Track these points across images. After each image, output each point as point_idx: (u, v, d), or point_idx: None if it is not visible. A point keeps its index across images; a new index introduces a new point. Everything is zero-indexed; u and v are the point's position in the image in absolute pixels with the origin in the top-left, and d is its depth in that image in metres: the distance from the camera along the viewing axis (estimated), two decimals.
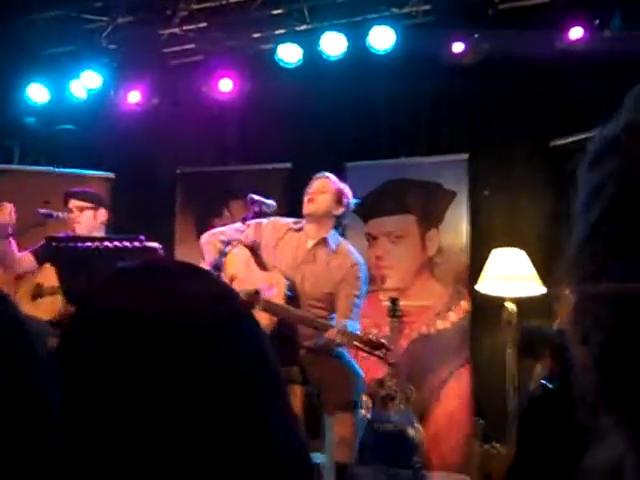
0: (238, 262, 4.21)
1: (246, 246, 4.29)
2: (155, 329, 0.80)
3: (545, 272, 5.16)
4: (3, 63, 6.31)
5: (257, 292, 4.13)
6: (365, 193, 5.93)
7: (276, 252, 4.35)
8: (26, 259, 4.77)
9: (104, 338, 0.80)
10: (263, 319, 4.09)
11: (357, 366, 4.26)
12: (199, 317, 0.82)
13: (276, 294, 4.16)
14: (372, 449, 4.98)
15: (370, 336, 3.93)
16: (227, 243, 4.21)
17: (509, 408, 4.74)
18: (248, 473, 0.79)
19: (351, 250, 4.37)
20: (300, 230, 4.38)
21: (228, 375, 0.81)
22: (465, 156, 5.78)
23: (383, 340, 3.94)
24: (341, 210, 4.36)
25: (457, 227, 5.65)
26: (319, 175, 4.47)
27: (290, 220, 4.43)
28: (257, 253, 4.35)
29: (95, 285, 0.88)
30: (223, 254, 4.15)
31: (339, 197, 4.36)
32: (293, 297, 4.19)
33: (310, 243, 4.34)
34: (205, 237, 4.45)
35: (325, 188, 4.36)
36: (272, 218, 4.32)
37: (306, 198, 4.32)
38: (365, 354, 4.06)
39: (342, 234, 4.50)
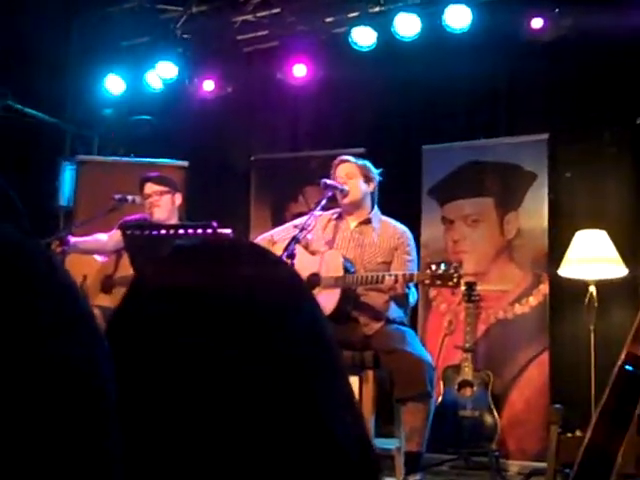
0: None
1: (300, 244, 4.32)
2: (211, 308, 0.77)
3: (629, 254, 4.96)
4: (81, 56, 6.45)
5: (315, 274, 4.16)
6: (441, 176, 5.83)
7: (324, 240, 4.42)
8: (115, 236, 4.82)
9: (157, 318, 0.77)
10: (330, 302, 4.08)
11: (428, 355, 4.19)
12: (258, 296, 0.79)
13: (334, 269, 4.19)
14: (448, 435, 4.90)
15: (433, 269, 3.91)
16: (301, 229, 4.21)
17: (591, 394, 4.58)
18: (300, 458, 0.75)
19: (395, 222, 4.47)
20: (340, 217, 4.48)
21: (285, 357, 0.77)
22: (545, 136, 5.57)
23: (452, 267, 3.89)
24: (372, 186, 4.44)
25: (537, 210, 5.46)
26: (338, 161, 4.48)
27: (329, 212, 4.50)
28: (308, 248, 4.42)
29: (150, 264, 0.85)
30: (296, 240, 4.15)
31: (367, 175, 4.42)
32: (353, 272, 4.20)
33: (353, 224, 4.43)
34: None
35: (352, 172, 4.41)
36: (316, 213, 4.32)
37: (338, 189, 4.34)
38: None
39: (386, 209, 4.56)
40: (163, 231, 4.44)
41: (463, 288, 5.14)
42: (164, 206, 4.82)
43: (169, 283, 0.79)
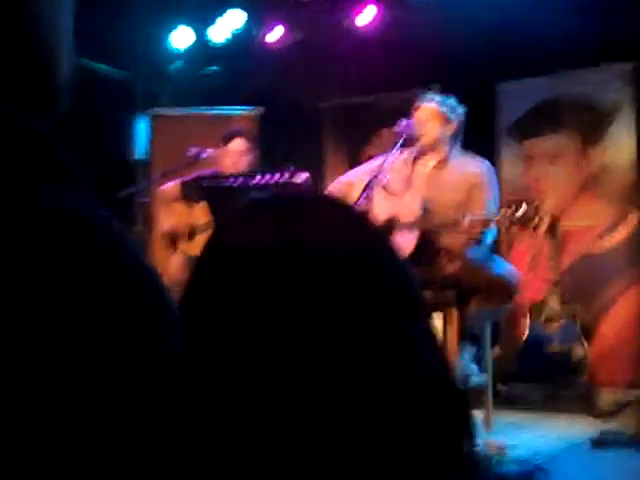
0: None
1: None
2: (291, 262, 0.76)
3: None
4: (146, 8, 6.42)
5: (394, 217, 4.13)
6: (520, 113, 5.70)
7: (402, 182, 4.35)
8: (169, 190, 4.85)
9: (237, 276, 0.76)
10: (409, 244, 4.06)
11: (513, 270, 4.23)
12: (337, 247, 0.78)
13: (412, 211, 4.16)
14: (536, 369, 4.86)
15: (513, 210, 3.83)
16: (377, 172, 4.18)
17: None
18: (395, 394, 0.76)
19: (473, 160, 4.38)
20: (418, 158, 4.40)
21: (371, 303, 0.77)
22: (630, 66, 5.36)
23: (532, 208, 3.83)
24: (452, 128, 4.34)
25: (623, 142, 5.28)
26: (416, 104, 4.41)
27: (406, 152, 4.41)
28: (387, 189, 4.35)
29: (225, 220, 0.85)
30: (372, 184, 4.12)
31: (444, 118, 4.33)
32: (429, 213, 4.16)
33: (431, 164, 4.36)
34: (331, 187, 4.62)
35: (428, 116, 4.32)
36: (394, 153, 4.25)
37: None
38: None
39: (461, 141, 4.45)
40: (240, 179, 4.44)
41: (546, 225, 5.04)
42: (245, 168, 4.82)
43: (247, 238, 0.78)
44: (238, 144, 4.82)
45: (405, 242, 4.08)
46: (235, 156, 4.79)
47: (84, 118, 5.91)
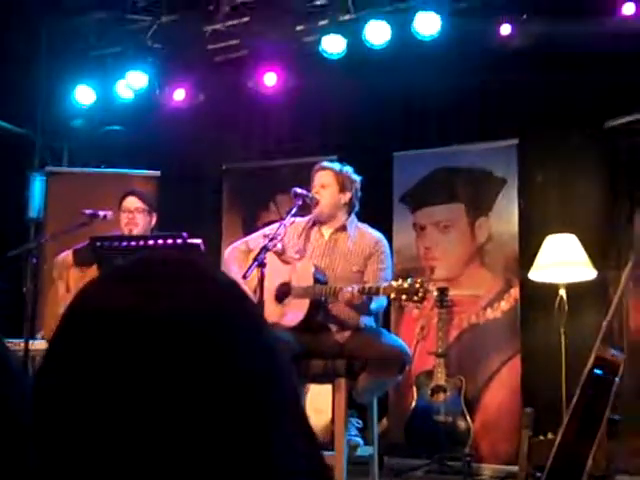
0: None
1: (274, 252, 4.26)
2: (151, 330, 0.74)
3: (598, 257, 5.02)
4: (50, 66, 6.41)
5: (286, 283, 4.14)
6: (413, 183, 5.86)
7: (299, 248, 4.36)
8: (63, 257, 4.78)
9: (93, 340, 0.75)
10: (301, 311, 4.07)
11: (404, 343, 4.23)
12: (192, 319, 0.76)
13: (305, 278, 4.14)
14: (422, 440, 4.91)
15: (399, 283, 3.84)
16: (271, 238, 4.18)
17: (562, 397, 4.62)
18: None
19: (370, 230, 4.41)
20: (314, 225, 4.41)
21: (229, 385, 0.74)
22: (515, 141, 5.62)
23: (418, 282, 3.82)
24: (348, 195, 4.34)
25: (507, 215, 5.51)
26: (317, 168, 4.42)
27: (307, 218, 4.43)
28: (282, 255, 4.34)
29: (89, 283, 0.82)
30: (266, 249, 4.11)
31: (342, 184, 4.34)
32: (325, 282, 4.15)
33: (328, 232, 4.36)
34: (227, 253, 4.53)
35: (327, 182, 4.33)
36: (290, 219, 4.25)
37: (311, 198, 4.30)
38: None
39: (358, 216, 4.45)
40: (133, 242, 4.42)
41: (435, 294, 5.16)
42: (142, 225, 4.77)
43: (108, 303, 0.77)
44: (131, 202, 4.78)
45: (297, 309, 4.10)
46: (129, 214, 4.77)
47: None
